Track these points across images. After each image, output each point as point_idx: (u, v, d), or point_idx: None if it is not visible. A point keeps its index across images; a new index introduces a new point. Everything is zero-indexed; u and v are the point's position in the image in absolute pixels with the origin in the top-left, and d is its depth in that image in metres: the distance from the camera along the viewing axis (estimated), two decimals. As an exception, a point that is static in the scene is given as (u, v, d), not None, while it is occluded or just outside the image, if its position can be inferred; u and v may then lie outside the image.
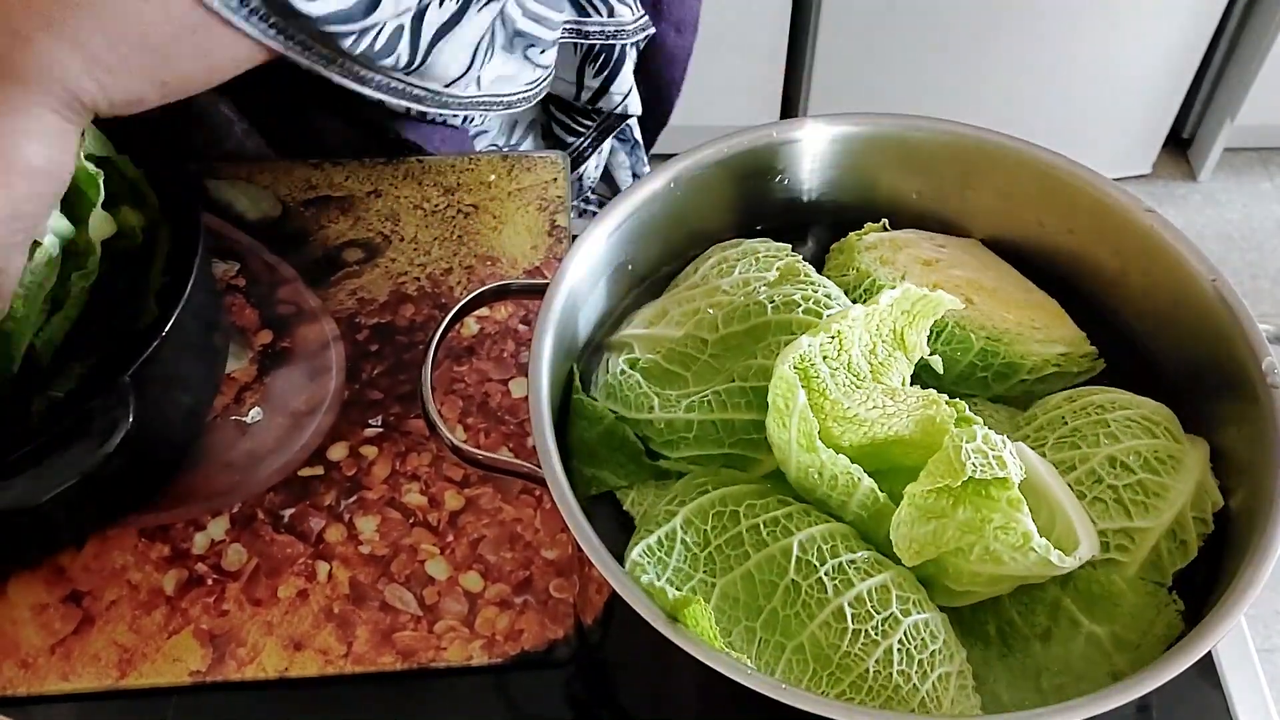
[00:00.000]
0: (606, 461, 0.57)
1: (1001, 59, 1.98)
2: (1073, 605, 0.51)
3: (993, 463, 0.48)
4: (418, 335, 0.75)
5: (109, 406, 0.58)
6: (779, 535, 0.51)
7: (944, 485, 0.48)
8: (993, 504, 0.48)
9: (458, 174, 0.83)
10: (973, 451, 0.48)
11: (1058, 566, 0.48)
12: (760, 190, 0.66)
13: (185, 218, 0.65)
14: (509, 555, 0.66)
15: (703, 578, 0.51)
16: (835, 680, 0.48)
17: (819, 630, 0.49)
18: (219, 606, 0.64)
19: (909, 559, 0.49)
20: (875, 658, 0.48)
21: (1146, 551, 0.52)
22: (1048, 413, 0.57)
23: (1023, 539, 0.48)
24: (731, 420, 0.56)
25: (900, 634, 0.49)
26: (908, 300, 0.54)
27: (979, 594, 0.52)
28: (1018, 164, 0.62)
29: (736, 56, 1.93)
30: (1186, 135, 2.30)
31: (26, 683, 0.61)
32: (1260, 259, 2.18)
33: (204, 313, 0.68)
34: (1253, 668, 0.63)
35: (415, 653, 0.62)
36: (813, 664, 0.49)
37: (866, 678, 0.48)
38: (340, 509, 0.67)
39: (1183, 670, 0.45)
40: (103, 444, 0.57)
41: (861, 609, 0.49)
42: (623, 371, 0.59)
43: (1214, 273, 0.56)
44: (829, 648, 0.48)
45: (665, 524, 0.53)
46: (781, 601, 0.49)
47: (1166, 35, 1.99)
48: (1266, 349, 0.54)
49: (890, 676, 0.48)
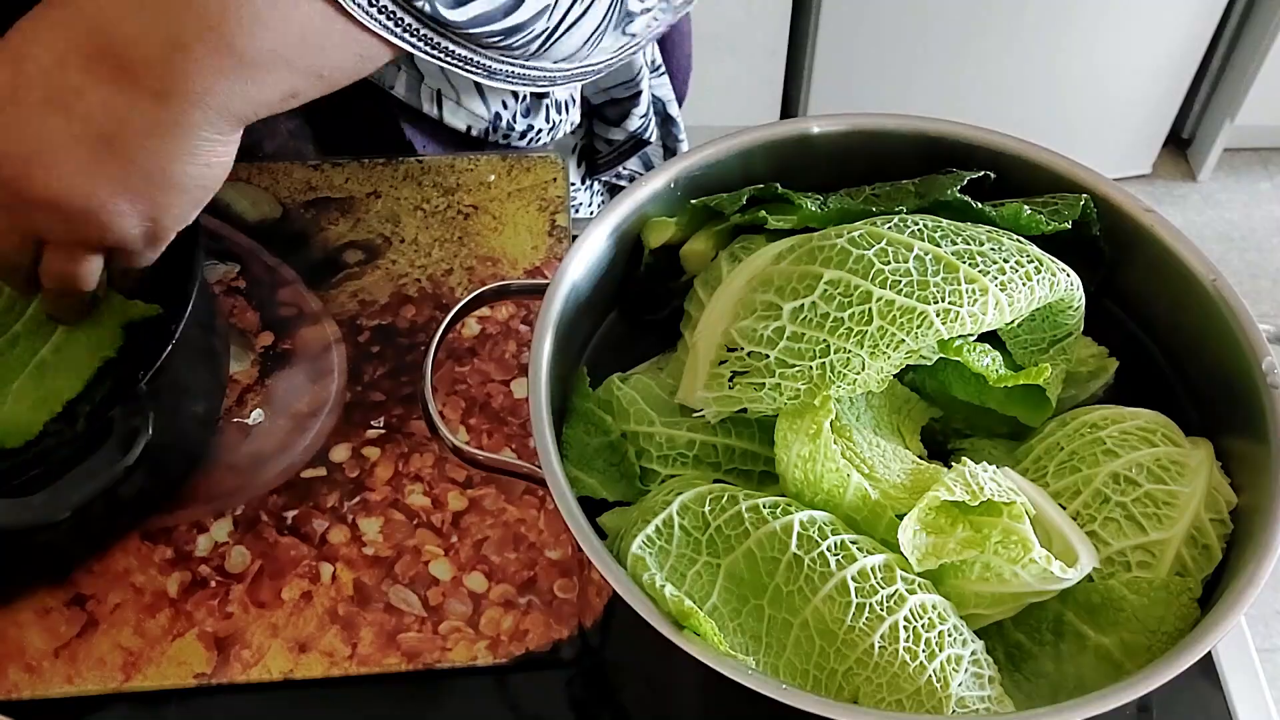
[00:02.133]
0: (601, 473, 0.57)
1: (1001, 59, 1.98)
2: (1075, 619, 0.51)
3: (986, 486, 0.49)
4: (419, 336, 0.75)
5: (128, 416, 0.57)
6: (779, 514, 0.51)
7: (943, 504, 0.49)
8: (992, 521, 0.49)
9: (457, 174, 0.83)
10: (968, 476, 0.49)
11: (1059, 578, 0.48)
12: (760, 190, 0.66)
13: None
14: (513, 556, 0.66)
15: (707, 560, 0.51)
16: (841, 656, 0.48)
17: (822, 605, 0.49)
18: (223, 609, 0.64)
19: (916, 563, 0.49)
20: (880, 633, 0.48)
21: (1170, 563, 0.52)
22: (1043, 440, 0.56)
23: (1022, 549, 0.48)
24: (733, 446, 0.56)
25: (906, 610, 0.48)
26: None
27: (983, 616, 0.51)
28: (1018, 164, 0.62)
29: (736, 56, 1.94)
30: (1186, 135, 2.31)
31: (31, 686, 0.61)
32: (1260, 259, 2.18)
33: (203, 317, 0.68)
34: (1253, 668, 0.63)
35: (420, 654, 0.63)
36: (818, 640, 0.49)
37: (872, 653, 0.48)
38: (343, 510, 0.67)
39: (1183, 670, 0.46)
40: (124, 455, 0.57)
41: (865, 584, 0.49)
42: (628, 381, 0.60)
43: (1214, 273, 0.56)
44: (833, 622, 0.48)
45: (662, 511, 0.52)
46: (784, 577, 0.49)
47: (1166, 35, 1.99)
48: (1266, 349, 0.54)
49: (896, 653, 0.48)
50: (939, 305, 0.51)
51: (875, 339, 0.51)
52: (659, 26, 0.78)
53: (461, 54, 0.64)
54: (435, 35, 0.61)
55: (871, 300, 0.51)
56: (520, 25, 0.64)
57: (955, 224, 0.55)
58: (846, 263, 0.53)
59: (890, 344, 0.51)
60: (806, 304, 0.53)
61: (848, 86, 2.03)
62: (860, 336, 0.51)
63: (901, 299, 0.51)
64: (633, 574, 0.50)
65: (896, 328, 0.51)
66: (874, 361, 0.51)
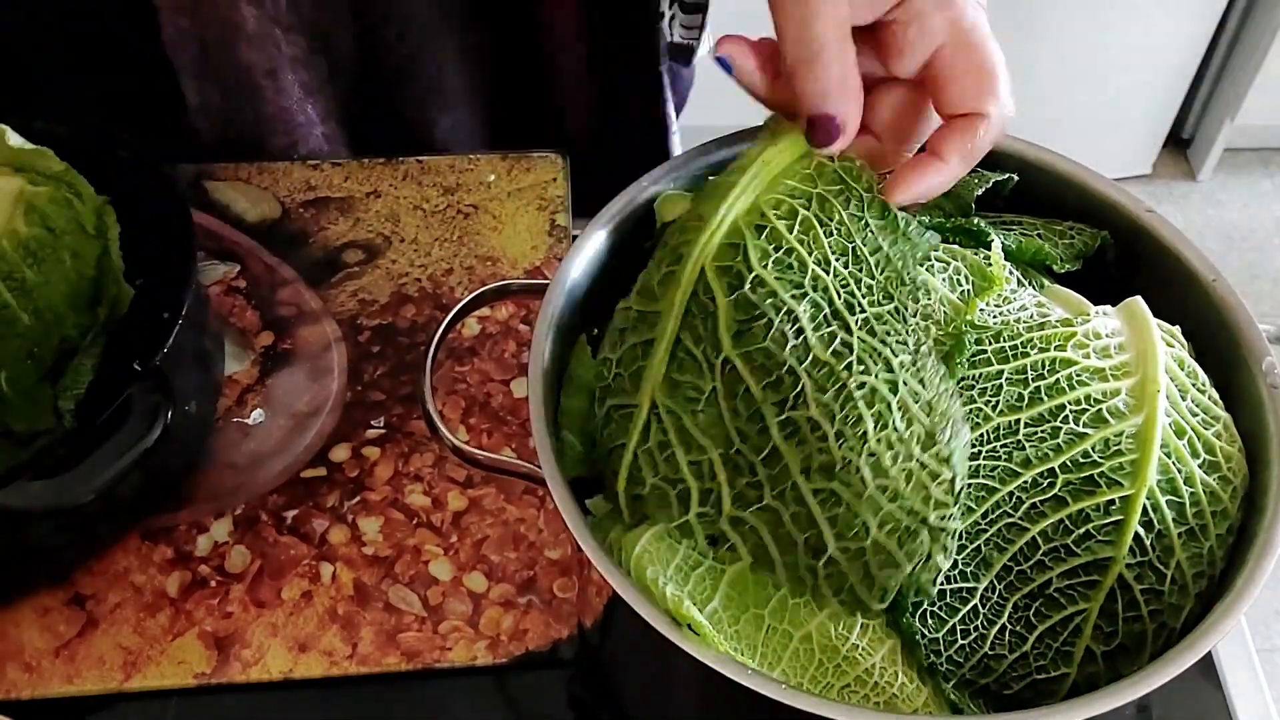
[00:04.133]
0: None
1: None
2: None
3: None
4: (419, 336, 0.75)
5: (147, 393, 0.58)
6: None
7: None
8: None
9: (457, 174, 0.83)
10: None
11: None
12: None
13: (166, 198, 0.65)
14: (513, 555, 0.66)
15: (712, 563, 0.51)
16: (840, 673, 0.48)
17: (828, 620, 0.49)
18: (223, 608, 0.64)
19: None
20: (880, 655, 0.48)
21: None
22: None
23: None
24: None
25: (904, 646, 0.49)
26: None
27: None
28: (1018, 164, 0.62)
29: (736, 57, 1.93)
30: (1186, 135, 2.31)
31: (31, 686, 0.61)
32: (1260, 259, 2.18)
33: (196, 317, 0.68)
34: (1253, 668, 0.63)
35: (420, 653, 0.63)
36: (819, 654, 0.48)
37: (872, 674, 0.48)
38: (343, 510, 0.67)
39: (1183, 670, 0.46)
40: (146, 432, 0.57)
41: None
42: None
43: (1214, 273, 0.56)
44: (837, 639, 0.48)
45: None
46: (792, 589, 0.49)
47: (1166, 35, 1.99)
48: (1266, 349, 0.54)
49: (895, 675, 0.48)
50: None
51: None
52: None
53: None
54: None
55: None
56: None
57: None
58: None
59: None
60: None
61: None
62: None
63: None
64: (637, 569, 0.50)
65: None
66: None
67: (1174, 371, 0.51)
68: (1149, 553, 0.48)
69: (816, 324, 0.47)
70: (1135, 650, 0.49)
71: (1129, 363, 0.50)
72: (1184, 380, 0.51)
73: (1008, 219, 0.60)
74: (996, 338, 0.50)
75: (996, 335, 0.50)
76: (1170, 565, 0.48)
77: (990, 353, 0.50)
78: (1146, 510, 0.48)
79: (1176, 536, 0.48)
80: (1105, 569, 0.47)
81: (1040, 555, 0.48)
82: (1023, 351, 0.50)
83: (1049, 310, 0.53)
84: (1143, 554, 0.48)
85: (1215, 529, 0.49)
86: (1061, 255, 0.57)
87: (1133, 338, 0.51)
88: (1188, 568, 0.48)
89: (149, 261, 0.64)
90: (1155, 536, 0.48)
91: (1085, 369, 0.49)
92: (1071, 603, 0.48)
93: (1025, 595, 0.48)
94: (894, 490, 0.45)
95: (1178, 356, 0.52)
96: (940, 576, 0.47)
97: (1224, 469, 0.50)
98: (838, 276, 0.48)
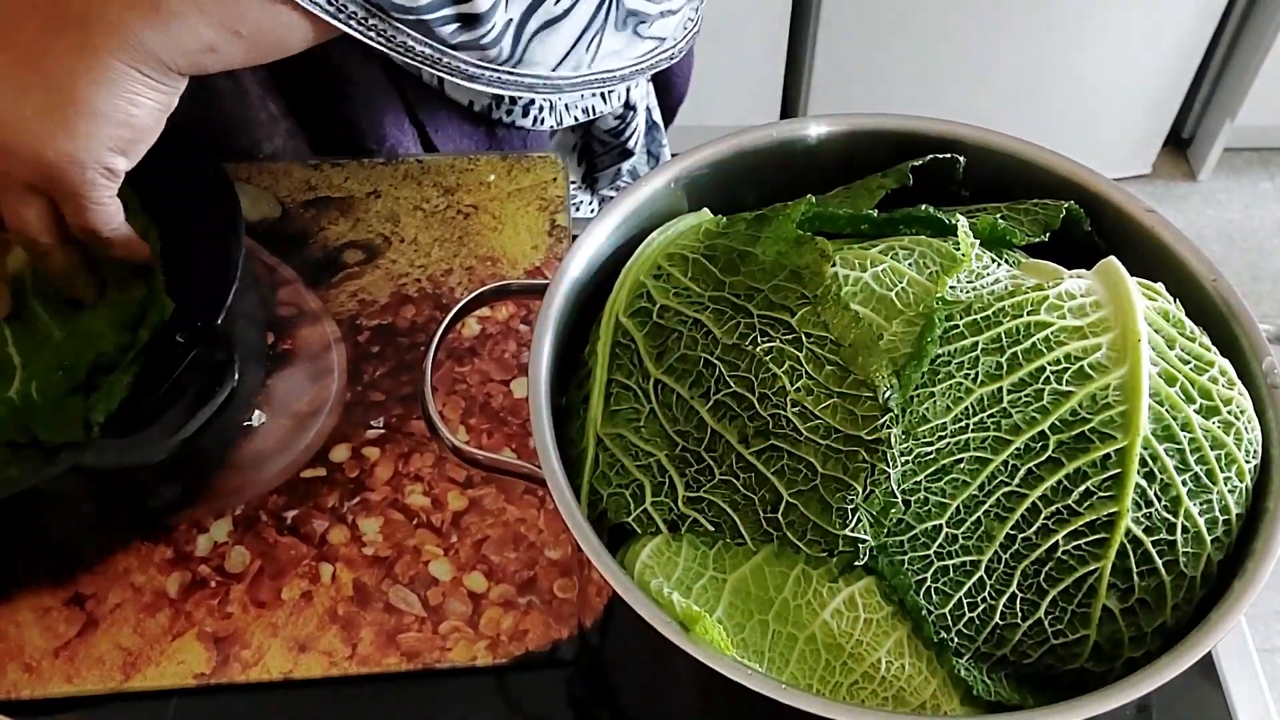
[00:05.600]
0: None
1: (1001, 59, 1.98)
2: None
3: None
4: (419, 336, 0.75)
5: (213, 354, 0.59)
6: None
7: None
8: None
9: (457, 174, 0.83)
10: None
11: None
12: (760, 191, 0.66)
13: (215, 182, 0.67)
14: (513, 555, 0.66)
15: (713, 574, 0.51)
16: (848, 670, 0.48)
17: (831, 619, 0.49)
18: (223, 609, 0.64)
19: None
20: (886, 648, 0.48)
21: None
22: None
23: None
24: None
25: (911, 626, 0.49)
26: None
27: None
28: (1018, 164, 0.62)
29: (736, 56, 1.94)
30: (1186, 135, 2.31)
31: (30, 686, 0.61)
32: (1260, 259, 2.18)
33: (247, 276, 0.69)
34: (1253, 668, 0.63)
35: (420, 654, 0.63)
36: (825, 654, 0.49)
37: (879, 668, 0.48)
38: (343, 510, 0.67)
39: (1183, 670, 0.46)
40: (215, 392, 0.58)
41: (872, 599, 0.49)
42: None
43: (1214, 273, 0.56)
44: (841, 636, 0.48)
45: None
46: (792, 591, 0.49)
47: (1166, 35, 1.99)
48: (1266, 349, 0.54)
49: (903, 668, 0.48)
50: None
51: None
52: (694, 28, 0.77)
53: (424, 51, 0.64)
54: (381, 23, 0.61)
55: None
56: (476, 15, 0.63)
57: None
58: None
59: None
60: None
61: (848, 86, 2.03)
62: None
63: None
64: (640, 583, 0.50)
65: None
66: None
67: (1157, 322, 0.50)
68: (1155, 503, 0.47)
69: (720, 321, 0.51)
70: (1156, 604, 0.48)
71: (1107, 318, 0.50)
72: (1169, 331, 0.51)
73: (972, 208, 0.60)
74: (967, 310, 0.50)
75: (967, 308, 0.50)
76: (1179, 514, 0.48)
77: (963, 326, 0.50)
78: (1145, 460, 0.47)
79: (1181, 485, 0.48)
80: (1112, 525, 0.47)
81: (1043, 520, 0.47)
82: (995, 320, 0.50)
83: (1022, 280, 0.53)
84: (1148, 505, 0.47)
85: (1223, 472, 0.49)
86: (1024, 230, 0.56)
87: (1109, 294, 0.51)
88: (1199, 515, 0.48)
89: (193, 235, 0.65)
90: (1160, 487, 0.47)
91: (1062, 329, 0.49)
92: (1082, 564, 0.47)
93: (1033, 562, 0.47)
94: (825, 426, 0.48)
95: (1161, 309, 0.51)
96: (894, 483, 0.48)
97: (1223, 413, 0.49)
98: (733, 289, 0.52)
